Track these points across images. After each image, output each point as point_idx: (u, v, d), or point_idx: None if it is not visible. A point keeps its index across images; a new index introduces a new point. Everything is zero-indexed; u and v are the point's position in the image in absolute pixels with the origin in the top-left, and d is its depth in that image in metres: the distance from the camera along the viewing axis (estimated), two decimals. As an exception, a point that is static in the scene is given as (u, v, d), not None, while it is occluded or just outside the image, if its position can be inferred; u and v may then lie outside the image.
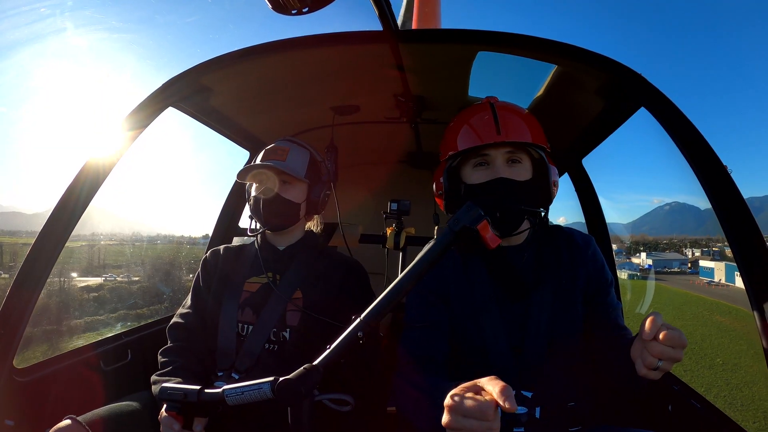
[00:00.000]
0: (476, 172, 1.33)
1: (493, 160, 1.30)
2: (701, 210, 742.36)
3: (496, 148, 1.29)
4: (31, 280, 1.39)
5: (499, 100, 1.41)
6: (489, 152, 1.30)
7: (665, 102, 1.35)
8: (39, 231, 1.44)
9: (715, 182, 1.22)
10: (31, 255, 1.40)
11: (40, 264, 1.41)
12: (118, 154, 1.59)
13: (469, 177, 1.35)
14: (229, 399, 1.01)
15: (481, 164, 1.32)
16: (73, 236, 1.53)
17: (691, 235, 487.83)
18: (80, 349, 1.74)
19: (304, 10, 1.23)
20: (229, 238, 2.70)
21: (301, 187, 1.64)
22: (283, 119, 2.49)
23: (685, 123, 1.30)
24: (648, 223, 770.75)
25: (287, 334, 1.54)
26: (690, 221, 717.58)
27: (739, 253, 1.14)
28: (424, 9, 3.29)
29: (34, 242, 1.42)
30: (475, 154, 1.32)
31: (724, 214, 1.18)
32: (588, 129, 2.06)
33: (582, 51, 1.46)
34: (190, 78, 1.72)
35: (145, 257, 48.17)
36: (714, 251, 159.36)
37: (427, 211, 2.61)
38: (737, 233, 1.16)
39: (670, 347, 0.91)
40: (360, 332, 0.99)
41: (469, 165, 1.35)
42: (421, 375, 1.29)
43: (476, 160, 1.33)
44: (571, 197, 2.48)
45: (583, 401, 1.32)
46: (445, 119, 2.34)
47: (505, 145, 1.29)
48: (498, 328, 1.31)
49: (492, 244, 1.04)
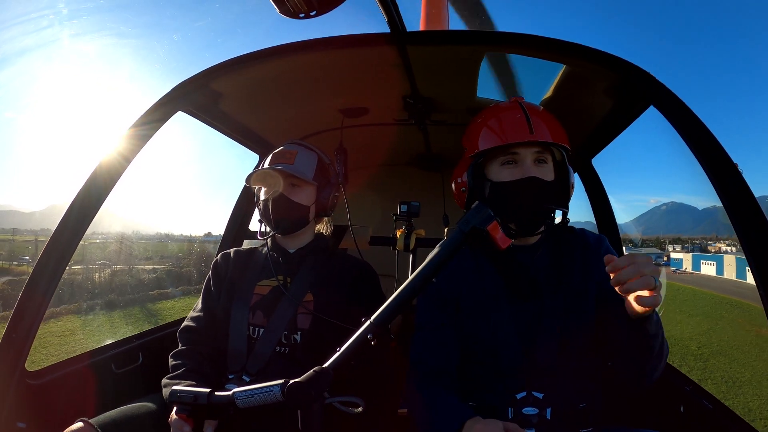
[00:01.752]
0: (504, 170, 1.32)
1: (523, 159, 1.30)
2: (698, 210, 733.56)
3: (526, 147, 1.29)
4: (42, 284, 1.39)
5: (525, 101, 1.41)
6: (519, 150, 1.30)
7: (675, 101, 1.34)
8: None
9: (726, 181, 1.21)
10: (42, 259, 1.41)
11: (51, 268, 1.42)
12: (129, 157, 1.60)
13: (495, 175, 1.34)
14: (239, 402, 1.01)
15: (509, 162, 1.32)
16: (89, 234, 1.54)
17: (687, 235, 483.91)
18: (91, 352, 1.75)
19: (312, 14, 1.23)
20: (239, 242, 2.71)
21: (309, 189, 1.64)
22: (293, 122, 2.49)
23: (695, 122, 1.29)
24: (645, 223, 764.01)
25: (298, 336, 1.54)
26: (687, 221, 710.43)
27: (750, 250, 1.14)
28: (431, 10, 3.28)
29: (45, 246, 1.43)
30: (503, 152, 1.32)
31: (736, 213, 1.17)
32: (597, 129, 2.05)
33: (590, 50, 1.45)
34: (200, 82, 1.73)
35: (163, 252, 49.59)
36: (694, 245, 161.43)
37: (436, 212, 2.60)
38: (748, 231, 1.15)
39: (621, 269, 0.97)
40: (370, 334, 0.99)
41: (496, 163, 1.34)
42: (434, 386, 1.30)
43: (504, 158, 1.32)
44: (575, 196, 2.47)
45: (594, 402, 1.31)
46: (453, 121, 2.33)
47: (536, 145, 1.29)
48: (509, 328, 1.30)
49: (503, 244, 1.04)
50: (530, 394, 1.26)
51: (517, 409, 1.26)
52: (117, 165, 1.58)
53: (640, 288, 0.96)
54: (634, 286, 0.96)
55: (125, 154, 1.60)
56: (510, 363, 1.29)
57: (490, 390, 1.31)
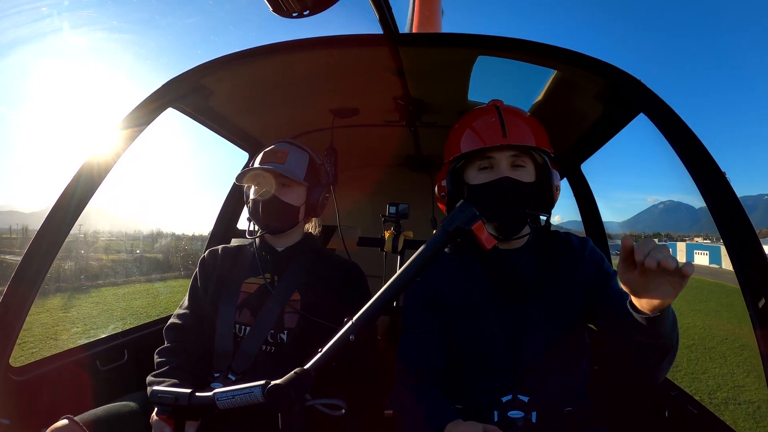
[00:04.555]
0: (480, 174, 1.33)
1: (498, 163, 1.30)
2: (695, 208, 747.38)
3: (501, 151, 1.29)
4: (27, 279, 1.38)
5: (504, 104, 1.41)
6: (494, 155, 1.30)
7: (665, 108, 1.35)
8: (36, 230, 1.43)
9: (712, 187, 1.23)
10: (28, 254, 1.39)
11: (37, 263, 1.40)
12: (117, 154, 1.59)
13: (472, 179, 1.35)
14: (220, 403, 1.00)
15: (486, 167, 1.32)
16: (100, 232, 1.52)
17: (684, 233, 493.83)
18: (76, 348, 1.73)
19: (305, 13, 1.23)
20: (227, 240, 2.69)
21: (300, 190, 1.64)
22: (283, 121, 2.49)
23: (684, 129, 1.31)
24: (642, 221, 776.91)
25: (285, 336, 1.54)
26: (684, 219, 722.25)
27: (735, 252, 1.16)
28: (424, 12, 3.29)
29: (31, 242, 1.41)
30: (479, 157, 1.32)
31: (721, 218, 1.20)
32: (587, 134, 2.07)
33: (582, 56, 1.46)
34: (190, 79, 1.72)
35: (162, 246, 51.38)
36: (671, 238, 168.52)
37: (425, 214, 2.61)
38: (733, 235, 1.18)
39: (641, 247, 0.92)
40: (352, 335, 0.98)
41: (474, 168, 1.35)
42: (420, 388, 1.30)
43: (481, 163, 1.33)
44: (565, 196, 2.47)
45: (580, 406, 1.32)
46: (444, 123, 2.34)
47: (511, 149, 1.29)
48: (496, 331, 1.31)
49: (488, 244, 1.02)
50: (516, 398, 1.27)
51: (503, 412, 1.27)
52: (105, 161, 1.56)
53: (665, 257, 0.88)
54: (658, 254, 0.88)
55: (114, 151, 1.58)
56: (496, 366, 1.29)
57: (477, 392, 1.31)
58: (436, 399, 1.26)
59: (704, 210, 1.25)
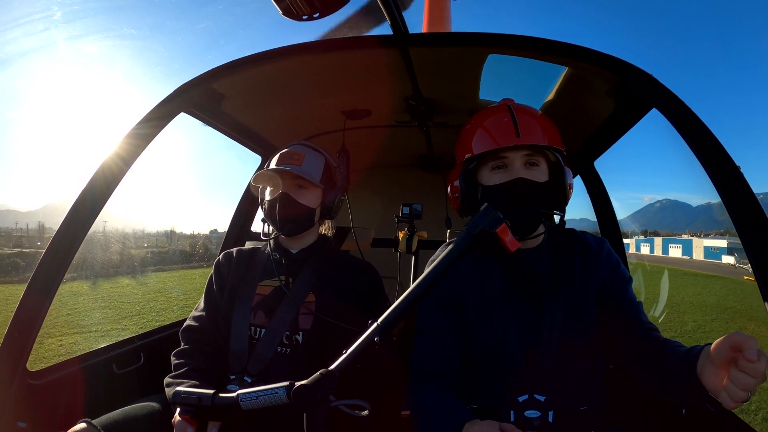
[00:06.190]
0: (494, 174, 1.32)
1: (512, 162, 1.29)
2: (693, 207, 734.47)
3: (514, 150, 1.28)
4: (44, 285, 1.39)
5: (516, 102, 1.40)
6: (507, 155, 1.29)
7: (678, 103, 1.33)
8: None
9: (727, 181, 1.22)
10: (44, 259, 1.41)
11: (54, 268, 1.41)
12: (132, 158, 1.60)
13: (486, 180, 1.34)
14: (243, 403, 1.00)
15: (499, 167, 1.32)
16: None
17: (681, 231, 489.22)
18: (93, 352, 1.75)
19: (315, 16, 1.23)
20: (241, 242, 2.71)
21: (316, 192, 1.64)
22: (295, 124, 2.49)
23: (697, 124, 1.29)
24: (639, 220, 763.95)
25: (300, 337, 1.54)
26: (681, 218, 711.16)
27: (751, 249, 1.15)
28: (434, 12, 3.28)
29: (47, 246, 1.42)
30: (492, 157, 1.32)
31: (737, 213, 1.18)
32: (599, 131, 2.05)
33: (592, 53, 1.44)
34: (202, 84, 1.73)
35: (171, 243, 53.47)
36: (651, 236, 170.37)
37: (439, 214, 2.60)
38: (750, 230, 1.16)
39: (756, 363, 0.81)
40: (377, 337, 0.98)
41: (487, 168, 1.34)
42: (435, 389, 1.30)
43: (494, 163, 1.32)
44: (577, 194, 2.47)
45: (596, 405, 1.31)
46: (455, 122, 2.33)
47: (524, 148, 1.29)
48: (511, 331, 1.30)
49: (512, 247, 1.02)
50: (532, 397, 1.26)
51: (519, 412, 1.26)
52: (119, 165, 1.58)
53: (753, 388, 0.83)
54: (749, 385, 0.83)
55: (128, 155, 1.59)
56: (512, 365, 1.29)
57: (492, 392, 1.31)
58: (452, 399, 1.25)
59: (701, 208, 1.23)
